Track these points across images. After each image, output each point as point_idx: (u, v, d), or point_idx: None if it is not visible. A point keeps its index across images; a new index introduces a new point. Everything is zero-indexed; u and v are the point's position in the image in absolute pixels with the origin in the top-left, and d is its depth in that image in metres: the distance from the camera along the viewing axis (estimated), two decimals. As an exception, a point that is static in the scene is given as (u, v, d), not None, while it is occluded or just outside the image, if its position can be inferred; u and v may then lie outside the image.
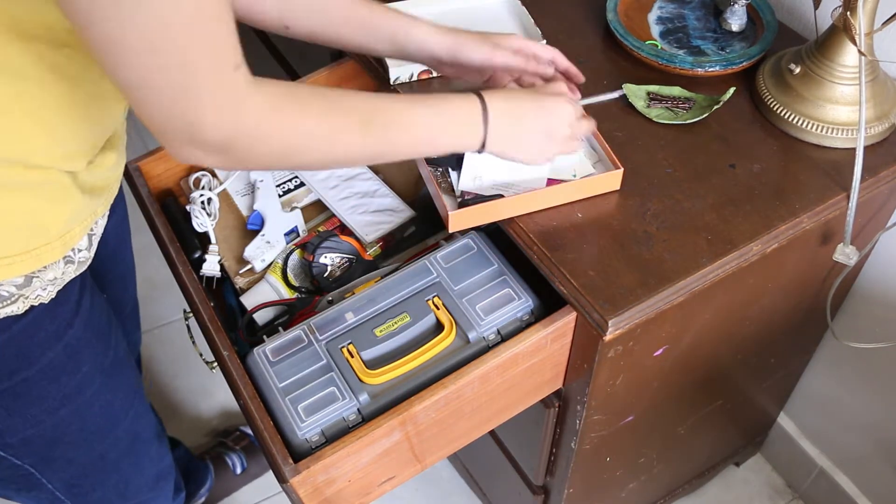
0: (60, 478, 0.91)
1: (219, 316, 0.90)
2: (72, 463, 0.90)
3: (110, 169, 0.78)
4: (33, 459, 0.86)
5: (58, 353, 0.79)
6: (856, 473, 1.38)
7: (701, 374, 1.05)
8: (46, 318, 0.76)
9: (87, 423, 0.87)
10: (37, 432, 0.82)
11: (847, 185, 0.88)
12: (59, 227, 0.72)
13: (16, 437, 0.81)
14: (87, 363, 0.83)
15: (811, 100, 0.93)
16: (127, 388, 0.94)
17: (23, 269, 0.70)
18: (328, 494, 0.82)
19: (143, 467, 1.03)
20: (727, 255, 0.83)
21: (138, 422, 0.98)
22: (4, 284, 0.70)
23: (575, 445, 0.98)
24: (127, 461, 0.98)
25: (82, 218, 0.75)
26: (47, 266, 0.72)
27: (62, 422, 0.84)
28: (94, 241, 0.80)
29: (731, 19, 1.05)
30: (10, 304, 0.71)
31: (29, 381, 0.77)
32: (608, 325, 0.78)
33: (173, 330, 1.83)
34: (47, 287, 0.74)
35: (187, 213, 1.03)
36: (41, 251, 0.70)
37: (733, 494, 1.53)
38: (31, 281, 0.71)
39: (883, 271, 1.14)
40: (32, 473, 0.87)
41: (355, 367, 0.83)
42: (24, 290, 0.71)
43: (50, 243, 0.71)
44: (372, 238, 1.00)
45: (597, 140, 0.92)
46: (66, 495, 0.94)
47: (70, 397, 0.83)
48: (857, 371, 1.28)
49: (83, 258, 0.78)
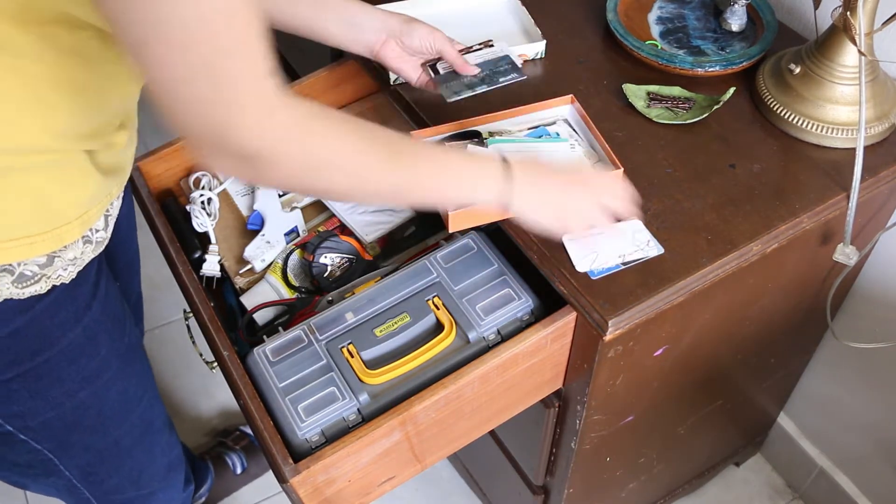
0: (77, 464, 0.92)
1: (219, 316, 0.90)
2: (88, 449, 0.92)
3: (124, 149, 0.79)
4: (52, 444, 0.87)
5: (77, 334, 0.80)
6: (856, 473, 1.38)
7: (701, 374, 1.05)
8: (66, 299, 0.78)
9: (105, 408, 0.89)
10: (57, 415, 0.84)
11: (847, 185, 0.88)
12: (77, 208, 0.74)
13: (37, 419, 0.83)
14: (105, 346, 0.85)
15: (811, 100, 0.92)
16: (141, 375, 0.95)
17: (44, 248, 0.72)
18: (328, 494, 0.82)
19: (155, 456, 1.05)
20: (727, 255, 0.83)
21: (151, 410, 0.99)
22: (28, 264, 0.72)
23: (575, 445, 0.98)
24: (140, 448, 1.00)
25: (99, 198, 0.76)
26: (67, 246, 0.74)
27: (81, 404, 0.85)
28: (110, 222, 0.82)
29: (731, 19, 1.05)
30: (33, 283, 0.73)
31: (50, 361, 0.79)
32: (608, 325, 0.78)
33: (173, 330, 1.83)
34: (68, 267, 0.76)
35: (187, 213, 1.03)
36: (61, 231, 0.72)
37: (733, 494, 1.53)
38: (53, 261, 0.74)
39: (883, 271, 1.14)
40: (51, 459, 0.89)
41: (355, 367, 0.83)
42: (46, 270, 0.73)
43: (69, 223, 0.73)
44: (372, 238, 1.00)
45: (597, 140, 0.92)
46: (82, 483, 0.96)
47: (89, 380, 0.84)
48: (857, 371, 1.28)
49: (101, 238, 0.80)
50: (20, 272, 0.71)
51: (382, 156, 0.69)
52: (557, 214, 0.80)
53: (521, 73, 0.98)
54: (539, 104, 0.95)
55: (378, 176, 0.70)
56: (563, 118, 0.95)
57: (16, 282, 0.71)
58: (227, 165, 0.63)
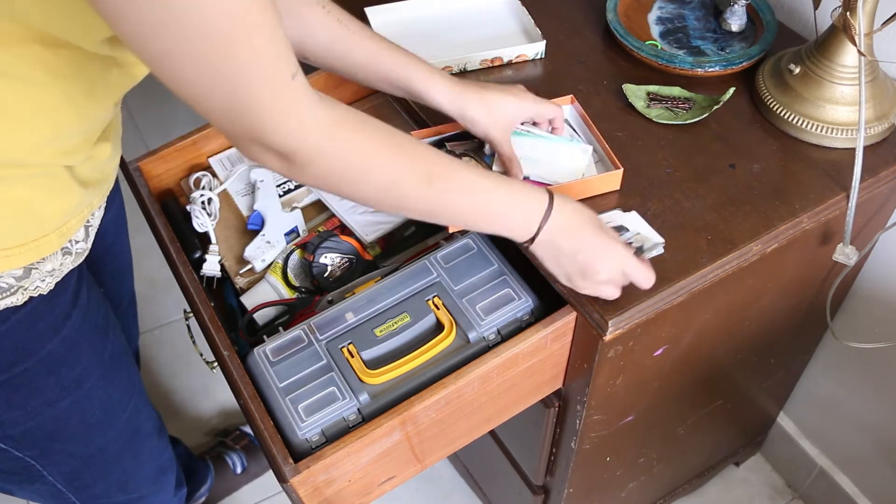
0: (61, 471, 0.92)
1: (219, 316, 0.90)
2: (72, 456, 0.91)
3: (106, 161, 0.78)
4: (34, 452, 0.86)
5: (56, 345, 0.79)
6: (856, 473, 1.38)
7: (701, 374, 1.05)
8: (45, 309, 0.77)
9: (87, 416, 0.88)
10: (37, 424, 0.83)
11: (847, 185, 0.88)
12: (55, 220, 0.73)
13: (16, 429, 0.82)
14: (86, 356, 0.84)
15: (811, 100, 0.93)
16: (126, 382, 0.94)
17: (21, 261, 0.71)
18: (328, 494, 0.82)
19: (144, 461, 1.04)
20: (727, 255, 0.83)
21: (138, 416, 0.98)
22: (4, 276, 0.71)
23: (575, 445, 0.98)
24: (127, 455, 0.99)
25: (79, 210, 0.76)
26: (45, 258, 0.73)
27: (62, 414, 0.84)
28: (90, 233, 0.81)
29: (730, 19, 1.05)
30: (9, 295, 0.72)
31: (28, 372, 0.78)
32: (608, 325, 0.78)
33: (173, 330, 1.83)
34: (46, 279, 0.75)
35: (187, 213, 1.03)
36: (39, 243, 0.71)
37: (733, 494, 1.53)
38: (30, 272, 0.72)
39: (883, 271, 1.14)
40: (33, 465, 0.88)
41: (355, 367, 0.83)
42: (23, 282, 0.72)
43: (47, 235, 0.72)
44: (372, 238, 1.00)
45: (596, 140, 0.92)
46: (68, 488, 0.95)
47: (69, 389, 0.83)
48: (856, 371, 1.28)
49: (80, 249, 0.79)
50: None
51: (416, 175, 0.68)
52: (577, 271, 0.77)
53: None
54: None
55: (411, 193, 0.69)
56: (564, 118, 0.95)
57: None
58: (269, 160, 0.63)
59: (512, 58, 1.04)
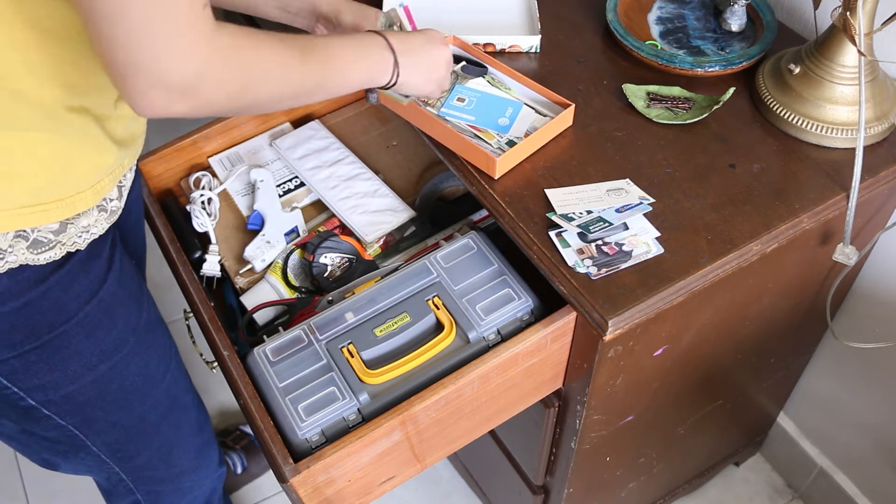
0: (104, 440, 0.93)
1: (219, 316, 0.90)
2: (114, 426, 0.92)
3: (131, 120, 0.80)
4: (76, 420, 0.88)
5: (93, 307, 0.81)
6: (856, 473, 1.38)
7: (701, 374, 1.05)
8: (80, 271, 0.79)
9: (126, 382, 0.89)
10: (77, 389, 0.84)
11: (847, 185, 0.88)
12: (91, 177, 0.75)
13: (58, 392, 0.84)
14: (122, 321, 0.86)
15: (811, 100, 0.93)
16: (162, 352, 0.95)
17: (57, 215, 0.73)
18: (328, 494, 0.82)
19: (185, 434, 1.05)
20: (727, 255, 0.83)
21: (176, 385, 0.99)
22: (41, 230, 0.73)
23: (575, 445, 0.98)
24: (167, 425, 1.00)
25: (111, 169, 0.78)
26: (80, 213, 0.76)
27: (101, 378, 0.86)
28: (123, 193, 0.83)
29: (730, 19, 1.05)
30: (48, 249, 0.74)
31: (67, 334, 0.80)
32: (608, 325, 0.78)
33: (173, 330, 1.81)
34: (82, 234, 0.77)
35: (187, 213, 1.03)
36: (75, 199, 0.74)
37: (733, 494, 1.53)
38: (66, 227, 0.75)
39: (883, 271, 1.14)
40: (77, 435, 0.90)
41: (355, 367, 0.83)
42: (60, 237, 0.75)
43: (82, 192, 0.75)
44: (372, 238, 1.00)
45: (531, 88, 0.97)
46: (112, 458, 0.96)
47: (107, 354, 0.85)
48: (857, 371, 1.28)
49: (115, 207, 0.81)
50: (34, 238, 0.72)
51: (297, 58, 0.74)
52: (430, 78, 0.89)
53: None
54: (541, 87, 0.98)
55: (299, 77, 0.75)
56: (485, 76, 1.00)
57: (31, 248, 0.72)
58: (164, 101, 0.63)
59: (505, 46, 1.04)
